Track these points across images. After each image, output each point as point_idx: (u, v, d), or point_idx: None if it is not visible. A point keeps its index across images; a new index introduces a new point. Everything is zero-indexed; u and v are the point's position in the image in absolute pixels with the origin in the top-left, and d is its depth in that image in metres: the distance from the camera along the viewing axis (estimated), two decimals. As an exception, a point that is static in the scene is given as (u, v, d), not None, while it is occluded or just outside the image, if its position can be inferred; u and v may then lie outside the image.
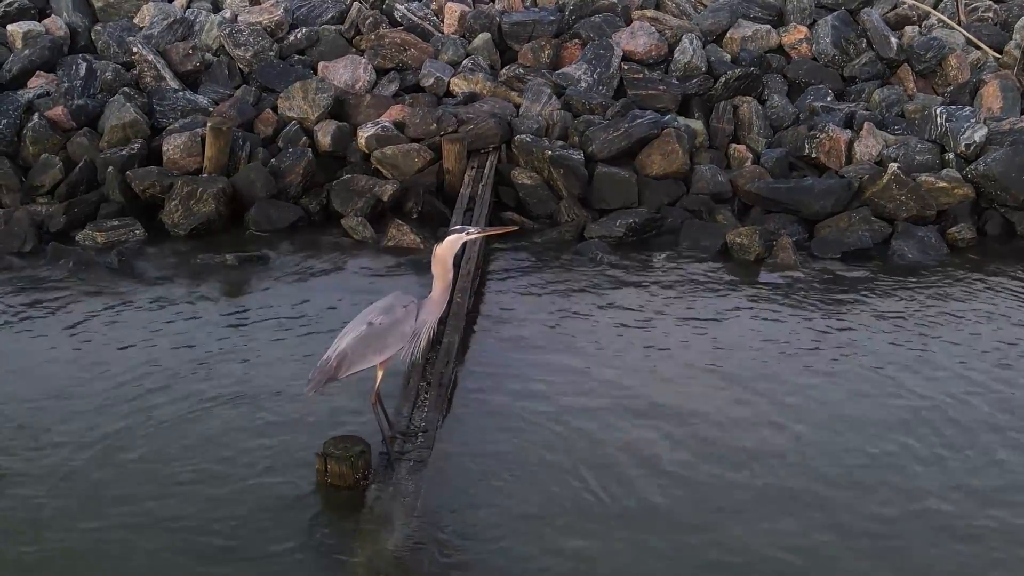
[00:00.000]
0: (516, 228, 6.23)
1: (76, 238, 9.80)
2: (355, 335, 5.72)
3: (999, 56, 12.63)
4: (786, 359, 7.73)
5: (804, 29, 12.85)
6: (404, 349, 5.83)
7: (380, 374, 5.88)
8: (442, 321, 7.61)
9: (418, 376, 6.82)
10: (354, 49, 12.61)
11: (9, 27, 12.48)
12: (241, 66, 12.34)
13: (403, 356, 5.86)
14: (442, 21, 13.13)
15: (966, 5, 13.41)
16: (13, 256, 9.46)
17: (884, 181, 10.31)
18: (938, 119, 11.12)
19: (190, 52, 12.18)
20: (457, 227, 5.71)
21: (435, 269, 5.80)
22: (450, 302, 7.91)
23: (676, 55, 12.41)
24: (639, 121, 10.90)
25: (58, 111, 11.18)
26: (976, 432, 6.70)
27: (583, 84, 11.97)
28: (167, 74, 11.86)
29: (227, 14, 12.96)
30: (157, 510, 5.61)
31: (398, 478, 5.78)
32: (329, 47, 12.58)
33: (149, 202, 10.31)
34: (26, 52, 12.10)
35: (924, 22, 13.24)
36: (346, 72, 12.07)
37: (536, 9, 13.26)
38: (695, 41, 12.49)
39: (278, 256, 9.59)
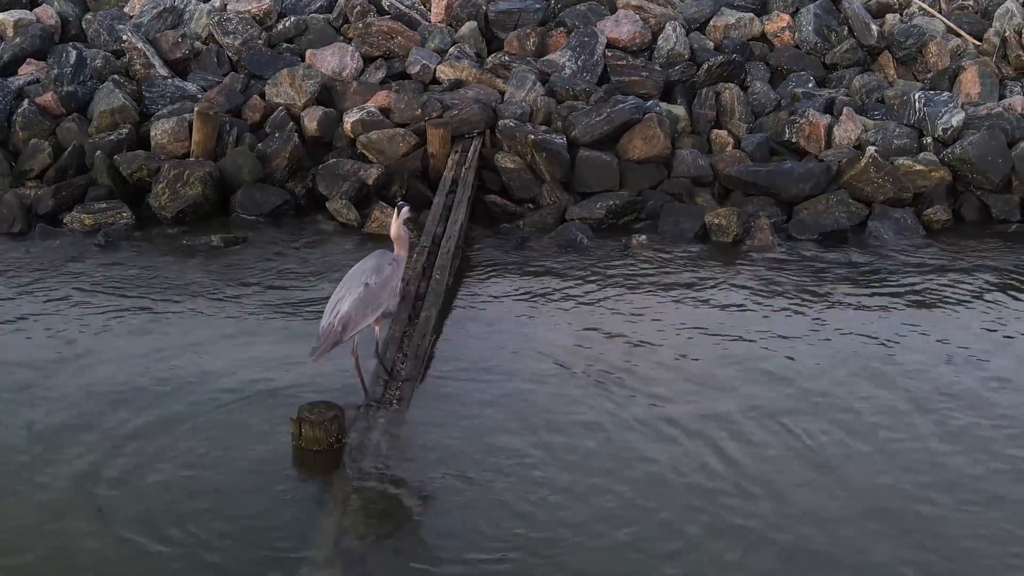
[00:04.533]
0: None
1: (64, 221, 9.98)
2: (354, 297, 6.04)
3: (979, 43, 12.77)
4: (761, 338, 7.82)
5: (787, 17, 12.98)
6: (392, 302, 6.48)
7: (377, 329, 6.42)
8: (419, 297, 7.81)
9: (395, 348, 6.97)
10: (342, 38, 12.74)
11: (0, 16, 12.62)
12: (230, 54, 12.48)
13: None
14: (429, 10, 13.26)
15: (947, -7, 13.56)
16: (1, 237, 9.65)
17: (862, 164, 10.45)
18: (916, 104, 11.27)
19: (179, 40, 12.31)
20: (399, 203, 6.69)
21: (396, 242, 6.52)
22: (431, 278, 8.13)
23: (660, 43, 12.55)
24: (621, 106, 11.04)
25: (48, 97, 11.33)
26: (945, 408, 6.79)
27: (567, 71, 12.11)
28: (156, 62, 11.99)
29: (216, 3, 13.07)
30: (132, 477, 5.75)
31: (372, 442, 5.93)
32: (317, 36, 12.71)
33: (137, 186, 10.45)
34: (17, 40, 12.26)
35: (905, 10, 13.37)
36: (334, 59, 12.20)
37: (522, -2, 13.38)
38: (678, 29, 12.63)
39: (263, 238, 9.74)
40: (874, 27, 12.67)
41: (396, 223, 6.45)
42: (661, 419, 6.48)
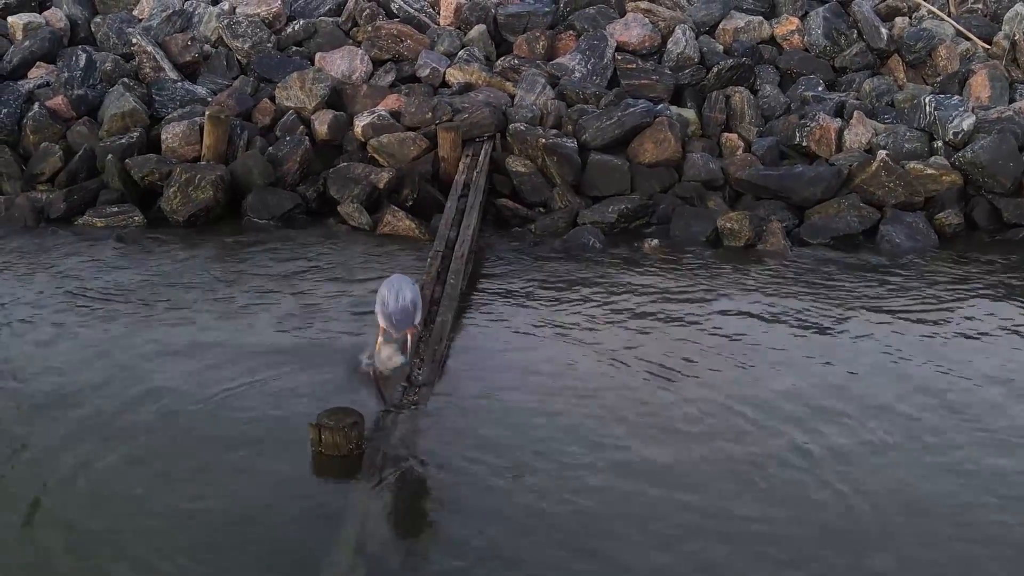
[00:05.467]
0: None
1: (76, 224, 9.97)
2: (412, 290, 6.37)
3: (988, 47, 12.77)
4: (773, 341, 7.82)
5: (796, 20, 12.99)
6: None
7: (409, 337, 6.55)
8: (435, 302, 7.81)
9: (412, 353, 6.95)
10: (351, 41, 12.75)
11: (10, 19, 12.65)
12: (239, 57, 12.49)
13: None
14: (438, 13, 13.27)
15: (956, -3, 13.56)
16: (13, 238, 9.65)
17: (873, 168, 10.45)
18: (927, 108, 11.26)
19: (189, 43, 12.32)
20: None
21: None
22: (445, 283, 8.14)
23: (669, 46, 12.55)
24: (632, 110, 11.04)
25: (58, 101, 11.34)
26: (944, 410, 6.76)
27: (577, 74, 12.11)
28: (166, 65, 11.99)
29: (225, 6, 13.09)
30: (144, 482, 5.72)
31: (391, 448, 5.93)
32: (327, 39, 12.72)
33: (148, 189, 10.46)
34: (26, 43, 12.27)
35: (915, 13, 13.37)
36: (343, 63, 12.21)
37: (531, 1, 13.39)
38: (688, 32, 12.63)
39: (276, 240, 9.73)
40: (883, 30, 12.68)
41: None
42: (685, 423, 6.46)
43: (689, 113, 11.62)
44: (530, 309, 8.33)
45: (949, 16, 13.28)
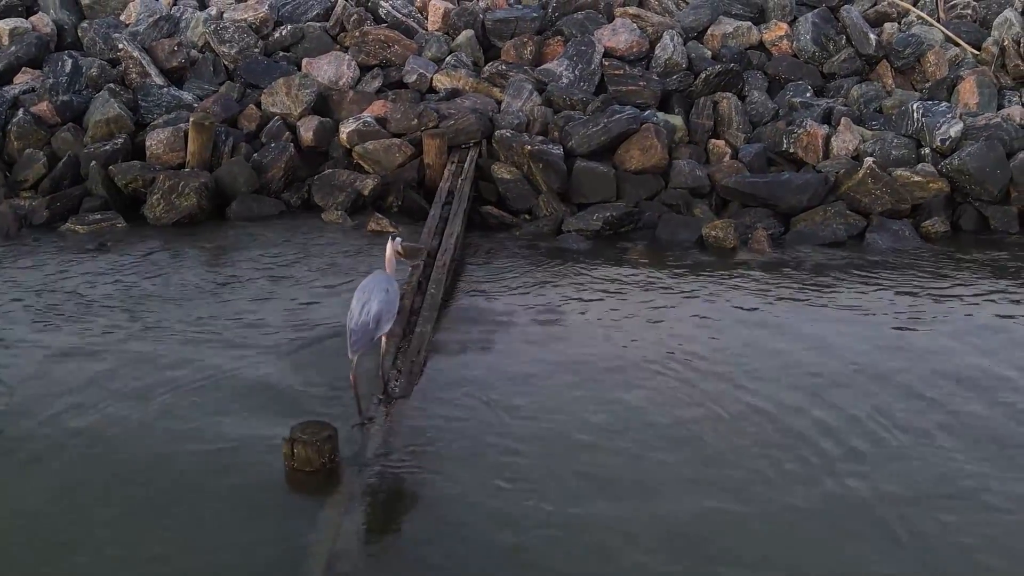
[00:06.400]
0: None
1: (58, 231, 9.92)
2: (379, 299, 6.26)
3: (977, 53, 12.74)
4: (754, 349, 7.77)
5: (784, 26, 12.96)
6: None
7: (384, 342, 6.50)
8: (414, 311, 7.77)
9: (389, 364, 6.92)
10: (338, 46, 12.72)
11: (-4, 24, 12.61)
12: (226, 63, 12.45)
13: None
14: (426, 18, 13.24)
15: (946, 2, 13.52)
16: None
17: (860, 175, 10.43)
18: (915, 114, 11.24)
19: (175, 49, 12.29)
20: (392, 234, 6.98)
21: (388, 270, 6.69)
22: (426, 292, 8.10)
23: (657, 51, 12.52)
24: (618, 116, 11.00)
25: (43, 107, 11.31)
26: (926, 412, 6.75)
27: (565, 80, 12.08)
28: (152, 70, 11.96)
29: (213, 11, 13.08)
30: (120, 489, 5.68)
31: (366, 462, 5.89)
32: (314, 44, 12.69)
33: (132, 196, 10.43)
34: (12, 48, 12.24)
35: (904, 19, 13.35)
36: (330, 68, 12.18)
37: (519, 6, 13.38)
38: (676, 38, 12.60)
39: (259, 245, 9.69)
40: (872, 36, 12.65)
41: (389, 253, 6.61)
42: (668, 431, 6.43)
43: (676, 119, 11.58)
44: (511, 319, 8.26)
45: (938, 22, 13.26)
